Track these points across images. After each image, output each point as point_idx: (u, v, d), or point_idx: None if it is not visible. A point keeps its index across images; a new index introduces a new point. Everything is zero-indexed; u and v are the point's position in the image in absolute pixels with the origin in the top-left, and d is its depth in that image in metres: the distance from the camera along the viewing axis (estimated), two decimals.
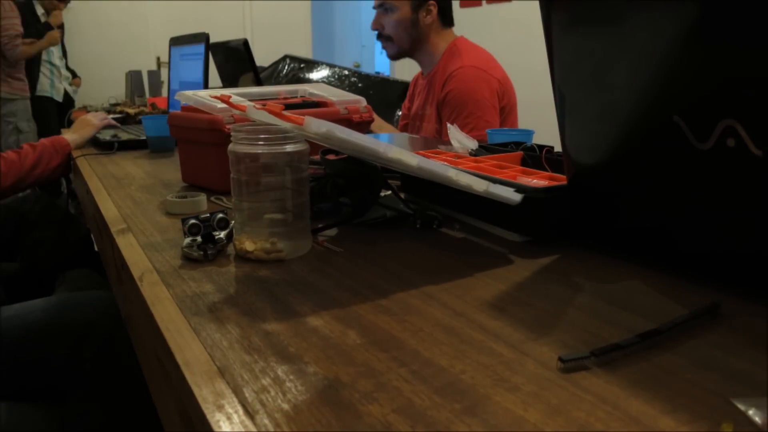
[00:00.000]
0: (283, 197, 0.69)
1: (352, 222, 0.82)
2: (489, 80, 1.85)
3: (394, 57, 2.04)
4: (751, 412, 0.38)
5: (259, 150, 0.68)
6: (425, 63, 1.99)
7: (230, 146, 0.69)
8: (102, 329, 1.09)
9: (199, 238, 0.71)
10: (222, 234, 0.73)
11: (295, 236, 0.70)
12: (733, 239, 0.55)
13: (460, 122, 1.82)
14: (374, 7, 1.98)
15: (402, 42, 1.95)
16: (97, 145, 1.70)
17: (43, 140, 1.58)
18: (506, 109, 1.89)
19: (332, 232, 0.80)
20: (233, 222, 0.73)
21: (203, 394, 0.42)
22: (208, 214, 0.74)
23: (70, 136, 1.64)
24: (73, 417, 1.01)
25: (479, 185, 0.66)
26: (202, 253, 0.68)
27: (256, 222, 0.70)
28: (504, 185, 0.68)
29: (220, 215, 0.74)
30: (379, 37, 1.99)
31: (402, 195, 0.90)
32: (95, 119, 1.77)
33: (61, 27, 4.43)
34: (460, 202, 0.82)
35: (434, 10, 1.92)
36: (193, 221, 0.72)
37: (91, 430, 1.01)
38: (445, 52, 1.93)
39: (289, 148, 0.68)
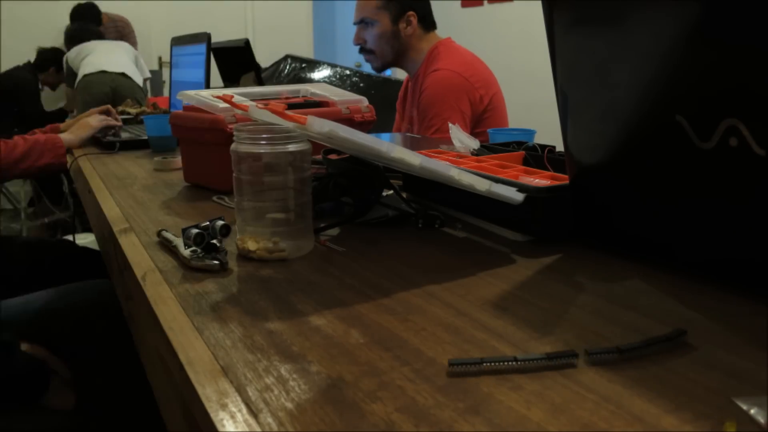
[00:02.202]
0: (286, 197, 0.69)
1: (354, 221, 0.82)
2: (462, 84, 1.83)
3: (378, 69, 2.04)
4: (753, 412, 0.38)
5: (261, 149, 0.68)
6: (410, 69, 1.99)
7: (233, 146, 0.69)
8: (104, 311, 1.10)
9: (199, 249, 0.69)
10: (217, 240, 0.71)
11: (297, 236, 0.71)
12: (736, 238, 0.55)
13: (426, 123, 1.82)
14: (354, 23, 1.97)
15: (385, 55, 1.95)
16: (98, 144, 1.70)
17: (39, 135, 1.58)
18: (489, 107, 1.86)
19: (334, 231, 0.80)
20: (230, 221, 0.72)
21: (207, 392, 0.42)
22: (207, 222, 0.72)
23: (66, 136, 1.64)
24: (80, 410, 1.01)
25: (481, 185, 0.66)
26: (218, 263, 0.66)
27: (259, 221, 0.70)
28: (506, 185, 0.68)
29: (221, 222, 0.71)
30: (362, 51, 1.99)
31: (404, 194, 0.90)
32: (93, 121, 1.77)
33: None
34: (462, 202, 0.82)
35: (414, 20, 1.90)
36: (196, 231, 0.69)
37: (98, 422, 1.01)
38: (427, 56, 1.93)
39: (292, 147, 0.68)
